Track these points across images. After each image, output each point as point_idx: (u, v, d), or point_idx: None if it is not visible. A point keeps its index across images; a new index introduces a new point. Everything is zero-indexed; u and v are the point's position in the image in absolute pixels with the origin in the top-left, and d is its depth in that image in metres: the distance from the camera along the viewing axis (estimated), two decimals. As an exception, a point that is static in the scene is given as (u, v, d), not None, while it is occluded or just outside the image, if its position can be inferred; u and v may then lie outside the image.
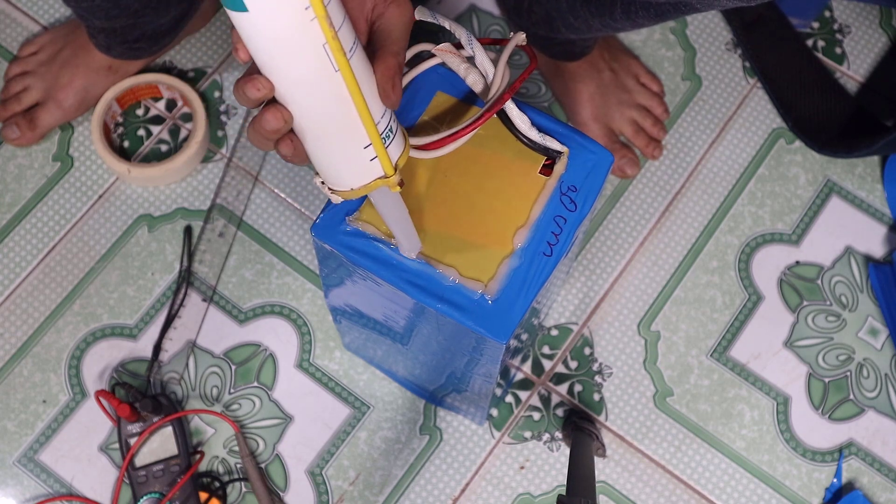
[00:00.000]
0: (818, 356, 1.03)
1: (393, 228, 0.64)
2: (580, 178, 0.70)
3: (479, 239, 0.68)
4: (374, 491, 0.98)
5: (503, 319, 0.67)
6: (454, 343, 0.74)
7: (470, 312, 0.67)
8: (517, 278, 0.68)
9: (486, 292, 0.67)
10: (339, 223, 0.68)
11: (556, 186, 0.70)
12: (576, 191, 0.70)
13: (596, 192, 0.70)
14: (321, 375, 1.01)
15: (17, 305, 1.03)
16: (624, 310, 1.04)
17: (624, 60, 1.10)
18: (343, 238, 0.68)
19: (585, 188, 0.70)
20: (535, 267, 0.68)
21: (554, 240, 0.68)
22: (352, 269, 0.70)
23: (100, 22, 0.97)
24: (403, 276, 0.67)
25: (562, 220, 0.69)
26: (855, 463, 1.00)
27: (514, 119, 0.69)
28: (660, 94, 1.11)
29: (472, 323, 0.67)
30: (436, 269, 0.68)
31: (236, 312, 1.03)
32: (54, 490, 0.97)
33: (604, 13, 0.86)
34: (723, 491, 0.99)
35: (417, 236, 0.66)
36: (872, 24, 1.16)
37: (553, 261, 0.68)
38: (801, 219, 1.08)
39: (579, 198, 0.70)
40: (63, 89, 1.05)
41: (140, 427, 0.95)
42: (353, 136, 0.54)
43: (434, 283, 0.67)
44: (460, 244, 0.68)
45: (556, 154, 0.69)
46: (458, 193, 0.69)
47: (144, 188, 1.07)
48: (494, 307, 0.67)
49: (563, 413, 1.01)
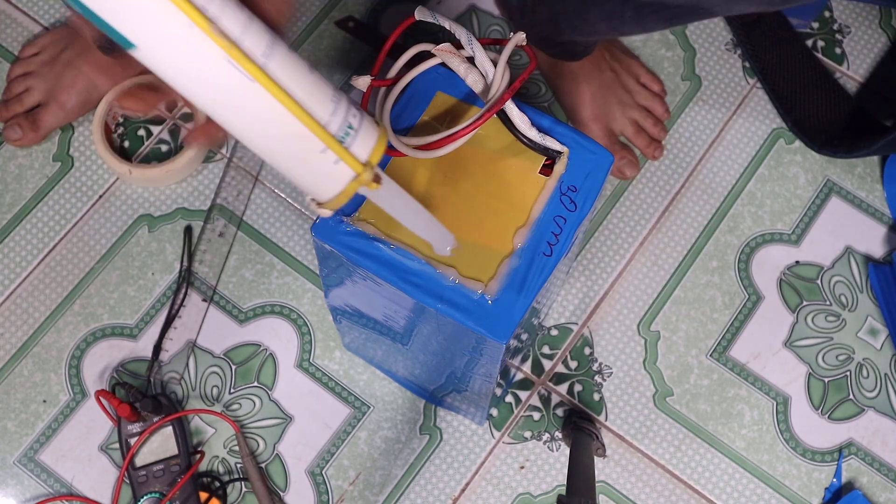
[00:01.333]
0: (818, 356, 1.03)
1: (412, 227, 0.62)
2: (580, 178, 0.70)
3: (480, 239, 0.68)
4: (374, 491, 0.98)
5: (503, 319, 0.67)
6: (454, 343, 0.74)
7: (470, 312, 0.67)
8: (517, 278, 0.68)
9: (486, 292, 0.67)
10: (339, 223, 0.68)
11: (556, 186, 0.70)
12: (576, 191, 0.70)
13: (596, 193, 0.70)
14: (321, 375, 1.01)
15: (17, 305, 1.03)
16: (624, 310, 1.04)
17: (625, 61, 1.10)
18: (343, 238, 0.68)
19: (585, 188, 0.70)
20: (535, 267, 0.68)
21: (554, 240, 0.69)
22: (352, 268, 0.70)
23: None
24: (403, 276, 0.68)
25: (562, 220, 0.69)
26: (855, 463, 1.00)
27: (514, 119, 0.69)
28: (661, 95, 1.11)
29: (473, 323, 0.67)
30: (436, 269, 0.68)
31: (236, 312, 1.03)
32: (54, 490, 0.97)
33: (613, 17, 0.85)
34: (723, 491, 0.99)
35: (444, 227, 0.64)
36: (872, 24, 1.16)
37: (553, 260, 0.68)
38: (801, 219, 1.08)
39: (579, 198, 0.70)
40: (65, 90, 1.06)
41: (140, 427, 0.95)
42: (305, 143, 0.50)
43: (434, 283, 0.68)
44: (460, 244, 0.68)
45: (556, 154, 0.69)
46: (458, 193, 0.70)
47: (145, 188, 1.07)
48: (494, 307, 0.67)
49: (563, 413, 1.01)
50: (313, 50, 1.13)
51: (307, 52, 1.13)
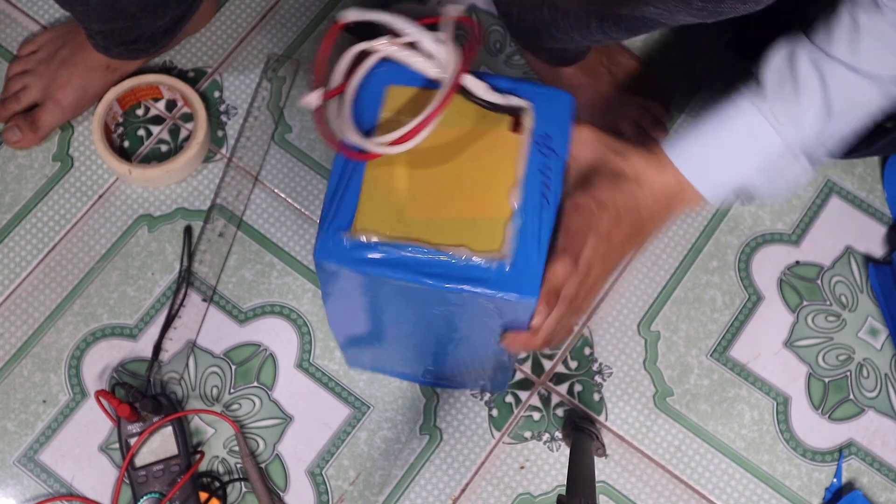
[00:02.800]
0: (818, 356, 1.03)
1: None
2: (549, 125, 0.72)
3: (477, 212, 0.69)
4: (374, 491, 0.98)
5: (527, 276, 0.68)
6: (481, 316, 0.74)
7: (494, 282, 0.68)
8: (526, 235, 0.69)
9: (501, 259, 0.68)
10: (338, 241, 0.69)
11: (532, 140, 0.71)
12: (550, 138, 0.71)
13: (567, 133, 0.72)
14: (321, 375, 1.01)
15: (17, 305, 1.03)
16: (624, 310, 1.04)
17: (621, 62, 1.10)
18: (348, 253, 0.68)
19: (557, 132, 0.72)
20: (537, 219, 0.69)
21: (546, 189, 0.70)
22: (362, 281, 0.70)
23: (97, 25, 0.97)
24: (418, 270, 0.68)
25: (547, 169, 0.71)
26: (855, 463, 1.00)
27: (472, 89, 0.69)
28: (659, 95, 1.11)
29: (499, 290, 0.68)
30: (447, 253, 0.68)
31: (236, 312, 1.03)
32: (54, 490, 0.97)
33: (581, 27, 0.88)
34: (723, 491, 0.99)
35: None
36: (872, 25, 1.16)
37: (552, 207, 0.70)
38: (801, 219, 1.08)
39: (555, 143, 0.71)
40: (61, 88, 1.06)
41: (140, 427, 0.95)
42: None
43: (451, 268, 0.68)
44: (461, 223, 0.69)
45: (521, 109, 0.71)
46: (442, 176, 0.70)
47: (145, 188, 1.07)
48: (514, 270, 0.68)
49: (563, 413, 1.01)
50: (313, 50, 1.13)
51: (307, 51, 1.13)
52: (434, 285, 0.68)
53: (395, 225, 0.69)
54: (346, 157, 0.70)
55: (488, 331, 0.76)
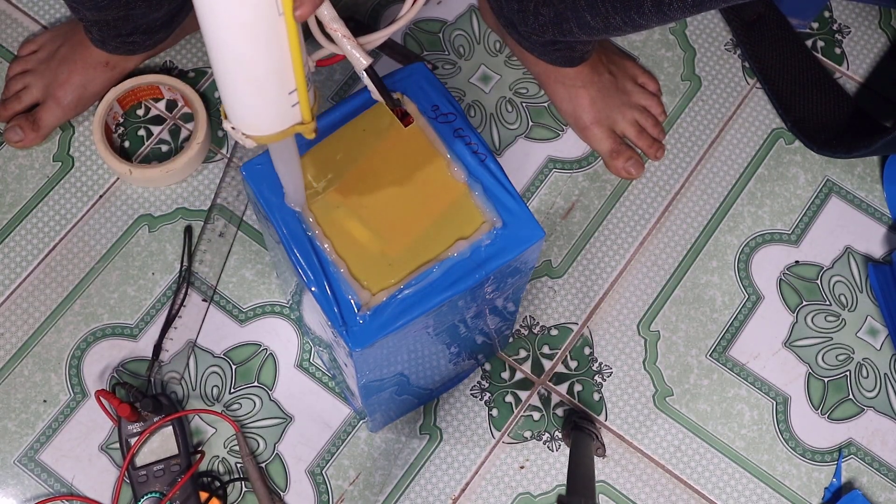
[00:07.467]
0: (817, 356, 1.03)
1: (286, 180, 0.66)
2: (429, 96, 0.72)
3: (441, 207, 0.70)
4: (374, 491, 0.98)
5: (523, 221, 0.70)
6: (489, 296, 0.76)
7: (510, 243, 0.69)
8: (488, 192, 0.70)
9: (494, 225, 0.69)
10: (363, 323, 0.68)
11: (428, 121, 0.72)
12: (438, 107, 0.72)
13: (444, 90, 0.73)
14: (321, 375, 1.01)
15: (17, 305, 1.03)
16: (624, 310, 1.04)
17: (621, 62, 1.10)
18: (378, 323, 0.68)
19: (440, 97, 0.72)
20: (488, 173, 0.70)
21: (472, 146, 0.71)
22: (400, 335, 0.70)
23: (91, 14, 0.96)
24: (444, 287, 0.69)
25: (460, 131, 0.71)
26: (854, 463, 1.00)
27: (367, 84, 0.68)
28: (657, 95, 1.11)
29: (522, 245, 0.69)
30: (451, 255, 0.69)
31: (237, 312, 1.03)
32: (55, 490, 0.97)
33: (630, 7, 0.83)
34: (722, 491, 0.99)
35: (304, 190, 0.68)
36: (872, 25, 1.16)
37: (490, 157, 0.71)
38: (801, 219, 1.08)
39: (445, 107, 0.72)
40: (61, 86, 1.06)
41: (140, 427, 0.95)
42: (282, 81, 0.54)
43: (464, 264, 0.69)
44: (438, 226, 0.69)
45: (398, 102, 0.71)
46: (388, 203, 0.70)
47: (145, 188, 1.07)
48: (510, 223, 0.70)
49: (563, 413, 1.01)
50: (313, 50, 1.13)
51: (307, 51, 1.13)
52: (462, 290, 0.69)
53: (390, 270, 0.68)
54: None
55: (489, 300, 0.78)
